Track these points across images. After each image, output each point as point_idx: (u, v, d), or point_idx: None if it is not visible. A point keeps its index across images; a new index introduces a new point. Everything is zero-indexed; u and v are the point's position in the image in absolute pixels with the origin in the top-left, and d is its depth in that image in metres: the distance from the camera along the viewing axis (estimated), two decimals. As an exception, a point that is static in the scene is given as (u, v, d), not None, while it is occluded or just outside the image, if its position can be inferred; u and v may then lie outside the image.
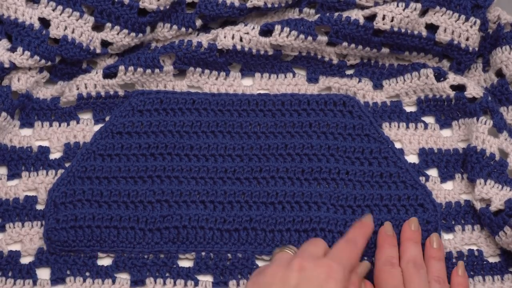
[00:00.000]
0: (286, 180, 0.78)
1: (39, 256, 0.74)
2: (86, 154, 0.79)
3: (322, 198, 0.77)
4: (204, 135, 0.80)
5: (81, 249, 0.74)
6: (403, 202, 0.77)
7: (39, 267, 0.74)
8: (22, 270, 0.74)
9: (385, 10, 0.81)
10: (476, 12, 0.83)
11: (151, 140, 0.79)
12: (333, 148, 0.79)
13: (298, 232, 0.75)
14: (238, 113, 0.82)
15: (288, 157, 0.79)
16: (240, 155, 0.79)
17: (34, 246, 0.75)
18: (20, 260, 0.74)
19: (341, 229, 0.75)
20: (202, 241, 0.75)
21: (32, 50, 0.79)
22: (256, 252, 0.75)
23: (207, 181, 0.78)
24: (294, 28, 0.81)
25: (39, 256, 0.74)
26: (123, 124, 0.80)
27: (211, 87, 0.84)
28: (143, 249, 0.75)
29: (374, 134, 0.81)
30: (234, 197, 0.77)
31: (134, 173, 0.78)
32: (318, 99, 0.82)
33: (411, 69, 0.84)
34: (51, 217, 0.75)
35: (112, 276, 0.74)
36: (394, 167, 0.79)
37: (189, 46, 0.82)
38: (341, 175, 0.78)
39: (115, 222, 0.75)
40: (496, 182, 0.76)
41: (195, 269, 0.74)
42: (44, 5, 0.80)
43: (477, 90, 0.81)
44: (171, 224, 0.75)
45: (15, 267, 0.74)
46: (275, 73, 0.85)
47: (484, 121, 0.79)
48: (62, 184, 0.77)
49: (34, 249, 0.75)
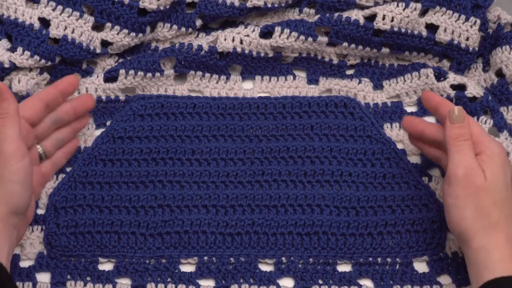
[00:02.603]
0: (288, 183, 0.77)
1: (39, 261, 0.74)
2: (88, 159, 0.78)
3: (325, 201, 0.76)
4: (205, 139, 0.80)
5: (81, 254, 0.74)
6: (407, 203, 0.76)
7: (39, 272, 0.73)
8: (22, 273, 0.73)
9: (385, 10, 0.82)
10: (476, 12, 0.83)
11: (152, 144, 0.79)
12: (335, 150, 0.79)
13: (301, 236, 0.75)
14: (239, 116, 0.81)
15: (290, 160, 0.79)
16: (242, 158, 0.79)
17: (34, 251, 0.74)
18: (19, 264, 0.74)
19: (343, 231, 0.75)
20: (204, 245, 0.74)
21: (32, 50, 0.79)
22: (259, 255, 0.74)
23: (209, 185, 0.77)
24: (294, 30, 0.81)
25: (39, 260, 0.74)
26: (125, 128, 0.80)
27: (211, 91, 0.84)
28: (144, 254, 0.74)
29: (376, 135, 0.80)
30: (236, 201, 0.76)
31: (135, 178, 0.77)
32: (319, 101, 0.82)
33: (411, 69, 0.84)
34: (52, 221, 0.75)
35: (113, 281, 0.73)
36: (396, 168, 0.78)
37: (190, 49, 0.82)
38: (343, 177, 0.78)
39: (116, 227, 0.75)
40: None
41: (197, 273, 0.74)
42: (44, 5, 0.81)
43: (478, 89, 0.80)
44: (172, 229, 0.74)
45: (15, 270, 0.73)
46: (275, 76, 0.85)
47: (484, 120, 0.79)
48: (63, 189, 0.76)
49: (34, 254, 0.74)
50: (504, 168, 0.69)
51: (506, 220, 0.67)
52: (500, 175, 0.68)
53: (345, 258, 0.74)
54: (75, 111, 0.76)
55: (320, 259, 0.74)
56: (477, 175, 0.67)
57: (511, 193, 0.69)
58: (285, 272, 0.74)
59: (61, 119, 0.76)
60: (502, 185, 0.68)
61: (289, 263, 0.74)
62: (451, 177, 0.68)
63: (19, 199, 0.65)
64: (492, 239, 0.66)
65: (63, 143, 0.77)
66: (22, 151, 0.65)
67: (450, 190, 0.68)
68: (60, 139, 0.76)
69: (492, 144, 0.69)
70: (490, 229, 0.66)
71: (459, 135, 0.68)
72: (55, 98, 0.74)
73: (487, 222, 0.66)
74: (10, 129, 0.64)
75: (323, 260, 0.74)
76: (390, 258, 0.74)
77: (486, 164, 0.68)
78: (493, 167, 0.67)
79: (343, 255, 0.74)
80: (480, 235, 0.66)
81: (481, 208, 0.66)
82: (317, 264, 0.74)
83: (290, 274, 0.74)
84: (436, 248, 0.75)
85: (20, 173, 0.64)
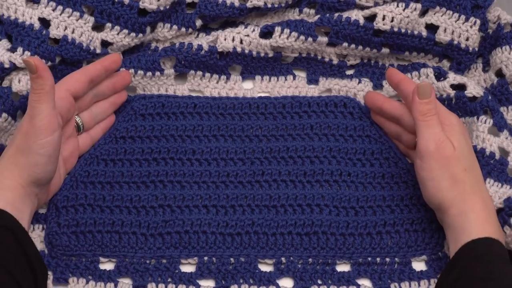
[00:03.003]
0: (288, 183, 0.78)
1: (40, 260, 0.74)
2: (89, 158, 0.79)
3: (324, 200, 0.76)
4: (206, 139, 0.80)
5: (82, 253, 0.74)
6: (406, 202, 0.77)
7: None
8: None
9: (385, 11, 0.81)
10: (476, 12, 0.83)
11: (153, 144, 0.79)
12: (334, 150, 0.79)
13: (300, 236, 0.75)
14: (239, 116, 0.82)
15: (290, 159, 0.79)
16: (242, 158, 0.79)
17: (35, 250, 0.75)
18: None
19: (343, 231, 0.75)
20: (205, 245, 0.75)
21: (32, 50, 0.79)
22: (258, 256, 0.75)
23: (209, 185, 0.77)
24: (294, 30, 0.81)
25: (41, 260, 0.74)
26: (126, 128, 0.80)
27: (212, 91, 0.84)
28: (145, 254, 0.74)
29: (375, 135, 0.80)
30: (236, 201, 0.77)
31: (136, 178, 0.78)
32: (318, 101, 0.82)
33: (411, 69, 0.84)
34: (53, 221, 0.75)
35: (114, 281, 0.73)
36: (395, 168, 0.79)
37: (190, 49, 0.82)
38: (343, 177, 0.78)
39: (117, 227, 0.75)
40: (496, 181, 0.76)
41: (197, 274, 0.74)
42: (44, 5, 0.81)
43: (478, 89, 0.80)
44: (173, 229, 0.75)
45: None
46: (275, 76, 0.85)
47: (484, 120, 0.79)
48: (64, 188, 0.77)
49: (35, 253, 0.75)
50: (465, 135, 0.73)
51: (477, 185, 0.71)
52: (464, 142, 0.72)
53: (344, 258, 0.75)
54: (114, 86, 0.80)
55: (319, 259, 0.74)
56: (447, 147, 0.70)
57: (475, 158, 0.73)
58: (285, 272, 0.74)
59: (102, 93, 0.79)
60: (468, 151, 0.72)
61: (289, 263, 0.74)
62: (422, 152, 0.70)
63: (42, 171, 0.69)
64: (469, 204, 0.69)
65: (101, 117, 0.80)
66: (53, 126, 0.68)
67: (424, 164, 0.70)
68: (99, 113, 0.80)
69: (449, 115, 0.74)
70: (466, 195, 0.69)
71: (427, 110, 0.71)
72: (100, 74, 0.77)
73: (462, 188, 0.69)
74: (45, 105, 0.67)
75: (322, 260, 0.74)
76: (389, 258, 0.75)
77: (450, 134, 0.71)
78: (456, 136, 0.71)
79: (342, 255, 0.75)
80: (457, 201, 0.69)
81: (455, 177, 0.69)
82: (316, 264, 0.74)
83: (289, 274, 0.74)
84: (435, 247, 0.75)
85: (47, 147, 0.68)
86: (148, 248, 0.75)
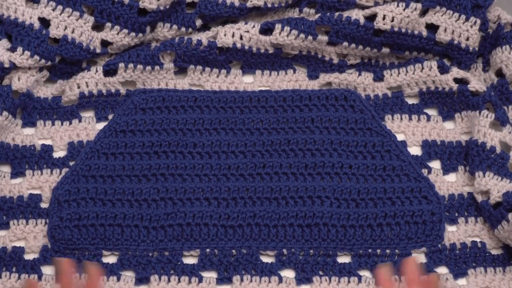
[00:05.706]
0: (289, 176, 0.78)
1: (43, 254, 0.75)
2: (90, 152, 0.79)
3: (326, 193, 0.77)
4: (206, 133, 0.80)
5: (85, 247, 0.74)
6: (407, 195, 0.77)
7: (43, 264, 0.74)
8: (26, 265, 0.74)
9: (386, 10, 0.81)
10: (476, 12, 0.83)
11: (154, 138, 0.80)
12: (335, 142, 0.80)
13: (301, 227, 0.75)
14: (240, 110, 0.82)
15: (291, 152, 0.79)
16: (243, 151, 0.79)
17: (38, 244, 0.75)
18: (24, 256, 0.74)
19: (344, 223, 0.75)
20: (207, 237, 0.75)
21: (32, 50, 0.79)
22: (260, 247, 0.75)
23: (210, 178, 0.78)
24: (295, 27, 0.82)
25: (44, 253, 0.75)
26: (127, 122, 0.81)
27: (212, 85, 0.84)
28: (147, 247, 0.75)
29: (376, 127, 0.81)
30: (238, 194, 0.77)
31: (138, 172, 0.78)
32: (319, 94, 0.82)
33: (415, 62, 0.84)
34: (55, 215, 0.75)
35: (117, 274, 0.74)
36: (396, 160, 0.79)
37: (189, 44, 0.82)
38: (344, 169, 0.78)
39: (119, 220, 0.75)
40: (496, 175, 0.76)
41: (200, 265, 0.74)
42: (44, 5, 0.81)
43: (480, 84, 0.81)
44: (175, 222, 0.75)
45: (19, 263, 0.74)
46: (275, 70, 0.85)
47: (486, 114, 0.79)
48: (66, 183, 0.77)
49: (38, 247, 0.75)
50: None
51: None
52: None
53: (345, 249, 0.75)
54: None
55: (320, 251, 0.75)
56: None
57: None
58: (286, 263, 0.74)
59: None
60: None
61: (290, 255, 0.75)
62: None
63: None
64: None
65: None
66: None
67: None
68: None
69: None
70: None
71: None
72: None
73: None
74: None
75: (323, 251, 0.75)
76: (389, 250, 0.75)
77: None
78: None
79: (343, 247, 0.75)
80: None
81: None
82: (318, 256, 0.75)
83: (291, 266, 0.74)
84: (435, 239, 0.76)
85: None
86: (151, 240, 0.75)
